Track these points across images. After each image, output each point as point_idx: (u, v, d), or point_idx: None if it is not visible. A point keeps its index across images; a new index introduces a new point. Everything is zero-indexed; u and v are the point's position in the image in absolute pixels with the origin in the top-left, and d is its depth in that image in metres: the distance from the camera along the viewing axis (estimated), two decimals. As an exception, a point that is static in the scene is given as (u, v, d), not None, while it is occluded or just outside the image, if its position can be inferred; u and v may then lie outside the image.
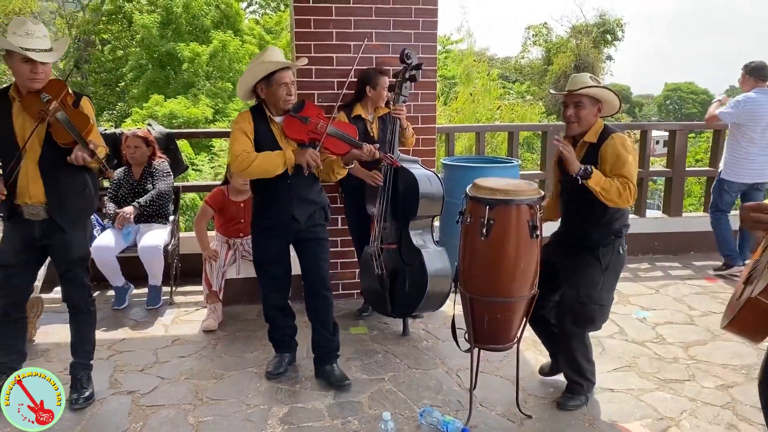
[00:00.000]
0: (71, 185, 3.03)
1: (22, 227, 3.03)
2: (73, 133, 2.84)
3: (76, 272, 3.14)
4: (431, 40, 4.50)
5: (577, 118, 3.00)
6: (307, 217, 3.30)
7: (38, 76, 2.86)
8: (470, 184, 2.94)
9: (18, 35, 2.81)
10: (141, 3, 21.22)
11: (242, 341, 3.99)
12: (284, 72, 3.15)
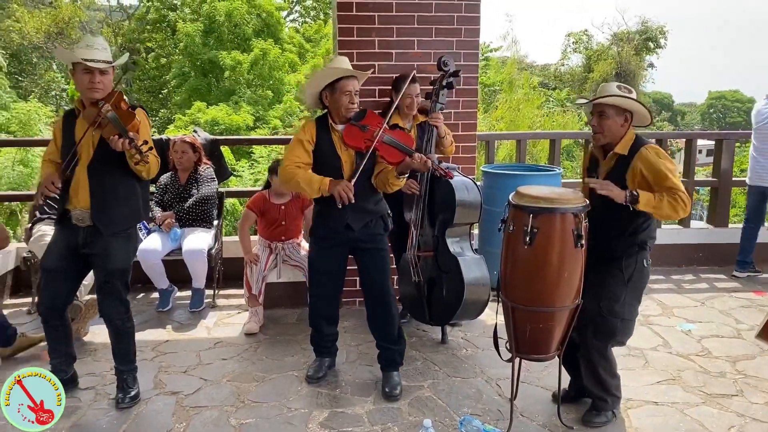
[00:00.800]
0: (116, 191, 3.10)
1: (68, 232, 3.12)
2: (118, 127, 2.92)
3: (114, 284, 3.15)
4: (473, 47, 4.50)
5: (601, 128, 2.96)
6: (362, 226, 3.31)
7: (97, 85, 2.97)
8: (513, 192, 2.93)
9: (79, 47, 2.96)
10: (185, 12, 21.70)
11: (283, 345, 4.04)
12: (349, 80, 3.19)
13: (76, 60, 2.93)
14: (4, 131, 14.03)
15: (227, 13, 19.12)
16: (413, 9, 4.39)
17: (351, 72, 3.23)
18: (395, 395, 3.33)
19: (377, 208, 3.36)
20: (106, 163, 3.03)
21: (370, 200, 3.32)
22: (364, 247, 3.37)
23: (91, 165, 3.05)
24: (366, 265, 3.40)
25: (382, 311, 3.41)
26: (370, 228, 3.34)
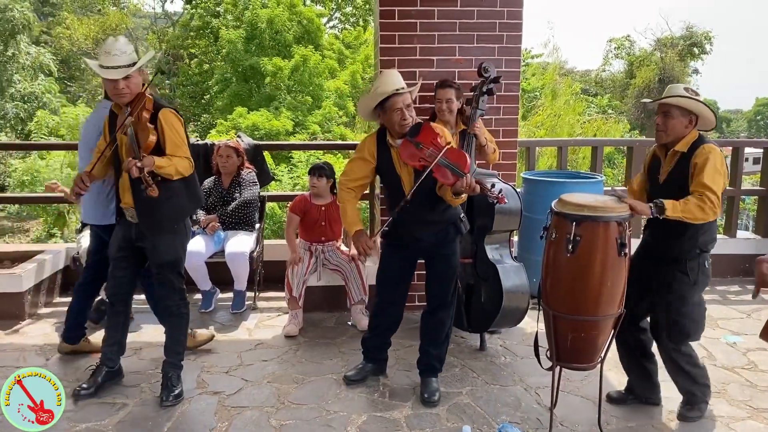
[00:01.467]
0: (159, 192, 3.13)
1: (124, 226, 3.30)
2: (133, 145, 3.02)
3: (166, 275, 3.31)
4: (515, 54, 4.49)
5: (665, 127, 2.95)
6: (432, 236, 3.33)
7: (120, 92, 3.04)
8: (556, 200, 2.92)
9: (100, 53, 3.04)
10: (227, 19, 22.08)
11: (322, 348, 4.08)
12: (396, 98, 3.20)
13: (96, 70, 3.02)
14: (54, 135, 14.49)
15: (269, 20, 19.39)
16: (455, 16, 4.40)
17: (393, 91, 3.20)
18: (433, 401, 3.33)
19: (444, 216, 3.31)
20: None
21: (436, 211, 3.27)
22: (434, 253, 3.39)
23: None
24: (435, 269, 3.42)
25: (442, 315, 3.42)
26: (440, 236, 3.34)
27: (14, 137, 17.18)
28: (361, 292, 4.43)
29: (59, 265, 5.03)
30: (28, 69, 18.93)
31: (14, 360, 3.85)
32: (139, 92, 3.09)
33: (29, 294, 4.57)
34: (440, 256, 3.37)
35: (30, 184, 12.30)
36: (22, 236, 14.65)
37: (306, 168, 14.29)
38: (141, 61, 3.11)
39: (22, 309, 4.49)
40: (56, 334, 4.26)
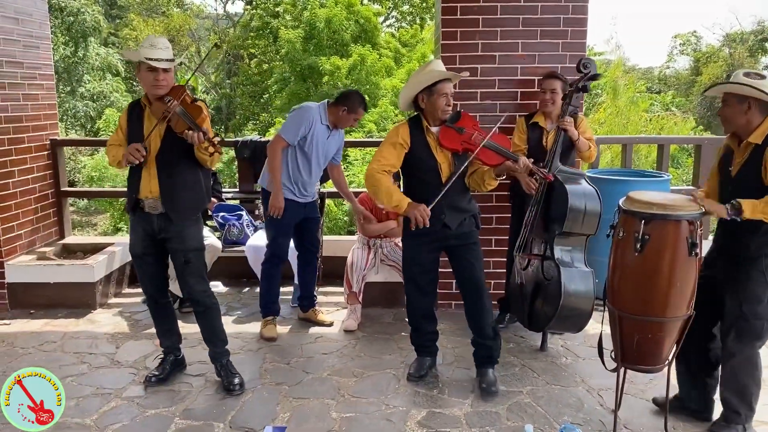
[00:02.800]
0: (183, 180, 3.28)
1: (143, 220, 3.32)
2: (187, 120, 3.11)
3: (194, 262, 3.36)
4: (580, 50, 4.41)
5: (723, 117, 2.85)
6: (458, 224, 3.37)
7: (160, 83, 3.16)
8: (623, 197, 2.85)
9: (144, 47, 3.15)
10: (286, 19, 22.42)
11: (380, 343, 4.11)
12: (446, 83, 3.27)
13: (141, 59, 3.13)
14: (121, 132, 15.05)
15: (327, 19, 19.58)
16: (518, 11, 4.35)
17: (449, 75, 3.31)
18: (493, 391, 3.34)
19: (470, 206, 3.43)
20: (173, 154, 3.23)
21: (464, 199, 3.40)
22: (457, 243, 3.42)
23: (159, 157, 3.23)
24: (462, 261, 3.43)
25: (479, 305, 3.43)
26: (465, 226, 3.40)
27: (84, 134, 17.91)
28: None
29: (128, 257, 5.22)
30: (97, 69, 19.69)
31: (87, 346, 4.03)
32: (177, 85, 3.24)
33: (100, 284, 4.77)
34: (466, 246, 3.42)
35: (98, 180, 12.81)
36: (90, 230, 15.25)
37: (362, 166, 14.39)
38: (178, 60, 3.28)
39: (94, 298, 4.69)
40: (125, 323, 4.43)
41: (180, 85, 3.26)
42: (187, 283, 3.41)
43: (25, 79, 4.87)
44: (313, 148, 4.06)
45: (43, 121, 5.09)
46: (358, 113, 4.08)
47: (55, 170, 5.24)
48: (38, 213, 5.05)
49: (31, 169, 4.95)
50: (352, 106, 4.04)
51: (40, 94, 5.05)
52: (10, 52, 4.68)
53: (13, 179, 4.71)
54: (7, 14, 4.65)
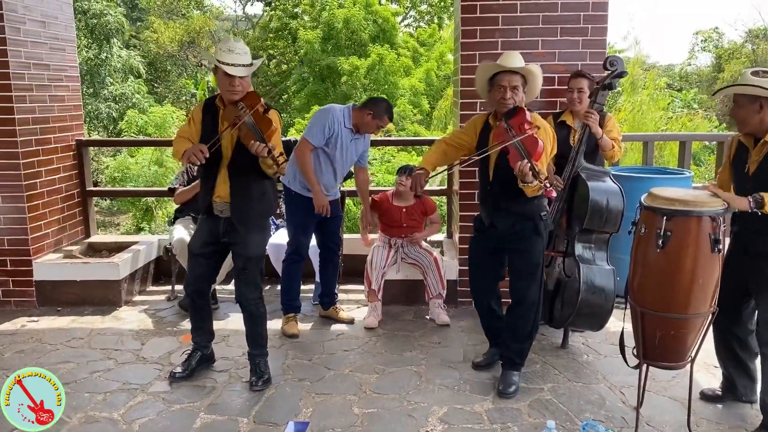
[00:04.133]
0: (252, 190, 3.34)
1: (211, 222, 3.39)
2: (255, 133, 3.13)
3: (251, 270, 3.41)
4: (600, 47, 4.39)
5: (737, 118, 2.84)
6: (508, 226, 3.31)
7: (235, 88, 3.18)
8: (645, 194, 2.85)
9: (222, 51, 3.17)
10: (305, 20, 22.54)
11: (401, 340, 4.13)
12: (504, 74, 3.21)
13: (214, 62, 3.17)
14: (143, 133, 15.24)
15: (345, 19, 19.67)
16: (538, 9, 4.35)
17: (505, 67, 3.20)
18: (507, 393, 3.34)
19: (525, 210, 3.25)
20: (243, 163, 3.26)
21: (514, 201, 3.22)
22: (508, 246, 3.38)
23: (231, 165, 3.28)
24: (513, 264, 3.42)
25: (522, 310, 3.38)
26: (516, 229, 3.31)
27: (106, 135, 18.15)
28: (439, 286, 4.46)
29: (152, 255, 5.31)
30: (119, 71, 19.93)
31: (113, 343, 4.10)
32: (253, 92, 3.25)
33: (125, 282, 4.85)
34: (516, 251, 3.35)
35: (120, 180, 12.97)
36: (113, 229, 15.46)
37: (380, 165, 14.41)
38: (256, 64, 3.28)
39: (119, 296, 4.77)
40: (150, 321, 4.51)
41: (254, 92, 3.26)
42: (240, 289, 3.47)
43: (52, 81, 4.96)
44: (337, 149, 4.09)
45: (69, 122, 5.19)
46: (383, 120, 4.10)
47: (80, 170, 5.34)
48: (65, 212, 5.14)
49: (58, 169, 5.04)
50: (378, 112, 4.06)
51: (66, 95, 5.15)
52: (37, 55, 4.78)
53: (40, 179, 4.81)
54: (35, 17, 4.75)
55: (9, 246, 4.71)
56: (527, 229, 3.28)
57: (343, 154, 4.14)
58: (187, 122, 3.39)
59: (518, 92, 3.20)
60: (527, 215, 3.27)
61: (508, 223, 3.30)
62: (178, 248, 4.62)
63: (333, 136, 4.04)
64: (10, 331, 4.34)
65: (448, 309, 4.59)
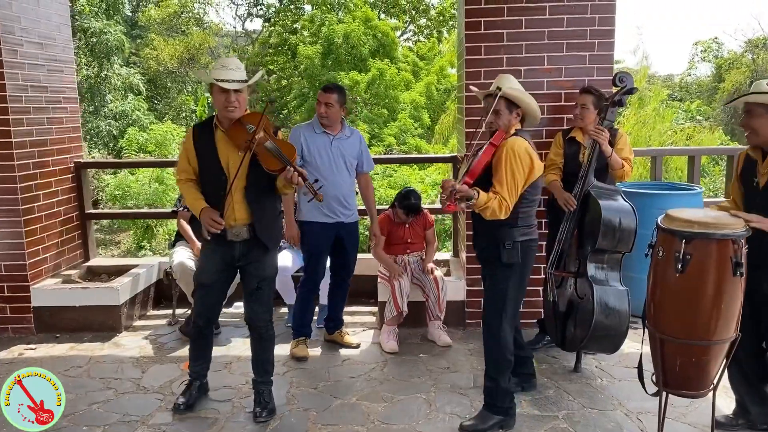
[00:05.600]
0: (272, 208, 3.30)
1: (224, 249, 3.25)
2: (282, 159, 3.05)
3: (265, 290, 3.34)
4: (607, 62, 4.31)
5: (750, 127, 2.79)
6: (479, 250, 3.28)
7: (232, 104, 3.10)
8: (662, 215, 2.75)
9: (215, 68, 3.11)
10: (304, 35, 22.57)
11: (408, 365, 4.01)
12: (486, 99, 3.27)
13: (211, 81, 3.10)
14: (143, 150, 15.18)
15: (345, 34, 19.67)
16: (543, 24, 4.28)
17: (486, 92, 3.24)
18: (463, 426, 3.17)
19: (492, 234, 3.10)
20: (260, 184, 3.18)
21: (486, 225, 3.08)
22: (485, 272, 3.33)
23: (248, 188, 3.17)
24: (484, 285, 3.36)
25: (484, 334, 3.21)
26: (485, 253, 3.23)
27: (107, 153, 18.10)
28: (437, 308, 4.35)
29: (152, 278, 5.20)
30: (119, 89, 19.93)
31: (113, 371, 3.99)
32: (255, 112, 3.19)
33: (125, 307, 4.75)
34: (485, 277, 3.32)
35: (121, 199, 12.89)
36: (113, 248, 15.34)
37: (383, 179, 14.30)
38: (253, 79, 3.21)
39: (119, 321, 4.66)
40: (150, 347, 4.39)
41: (257, 112, 3.18)
42: (253, 309, 3.37)
43: (50, 103, 4.89)
44: (314, 156, 4.01)
45: (67, 144, 5.11)
46: (319, 95, 4.05)
47: (79, 193, 5.25)
48: (63, 236, 5.05)
49: (56, 192, 4.96)
50: (318, 94, 4.07)
51: (65, 117, 5.07)
52: (35, 77, 4.71)
53: (38, 203, 4.72)
54: (32, 39, 4.68)
55: (6, 272, 4.61)
56: (491, 256, 3.14)
57: (323, 157, 4.02)
58: (180, 158, 3.30)
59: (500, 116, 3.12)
60: (492, 241, 3.11)
61: (480, 247, 3.26)
62: (178, 272, 4.52)
63: (305, 148, 3.99)
64: (7, 360, 4.23)
65: (456, 331, 4.49)
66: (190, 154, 3.25)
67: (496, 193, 2.96)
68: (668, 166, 9.99)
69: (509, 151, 2.98)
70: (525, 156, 3.00)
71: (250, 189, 3.19)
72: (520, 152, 2.99)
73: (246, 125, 3.11)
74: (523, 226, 3.09)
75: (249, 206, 3.19)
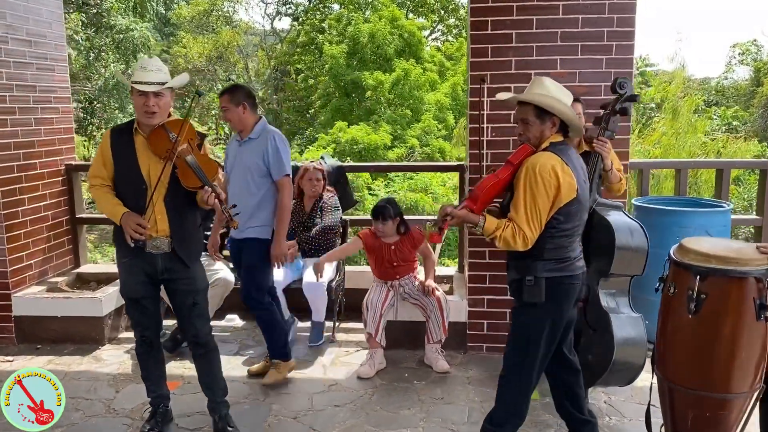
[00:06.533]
0: (193, 222, 3.10)
1: (143, 261, 3.00)
2: (201, 178, 2.84)
3: (201, 303, 3.14)
4: (626, 66, 3.94)
5: None
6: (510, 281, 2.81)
7: (150, 108, 2.86)
8: (675, 245, 2.40)
9: (135, 70, 2.88)
10: (331, 34, 22.37)
11: (400, 394, 3.70)
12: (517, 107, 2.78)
13: (128, 83, 2.89)
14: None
15: (371, 34, 19.41)
16: (556, 25, 3.93)
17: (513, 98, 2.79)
18: None
19: (517, 266, 2.68)
20: (180, 195, 2.95)
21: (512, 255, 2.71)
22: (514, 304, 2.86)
23: (168, 197, 2.95)
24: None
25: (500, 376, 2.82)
26: (511, 285, 2.77)
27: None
28: (440, 331, 4.03)
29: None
30: (146, 86, 19.98)
31: (86, 390, 3.77)
32: (178, 119, 2.95)
33: (110, 318, 4.53)
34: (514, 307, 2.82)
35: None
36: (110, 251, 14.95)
37: (404, 181, 14.02)
38: (173, 81, 2.95)
39: (102, 333, 4.45)
40: (131, 363, 4.17)
41: (180, 119, 2.94)
42: (194, 326, 3.12)
43: (38, 103, 4.70)
44: (228, 166, 3.79)
45: (57, 145, 4.92)
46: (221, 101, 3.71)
47: (70, 196, 5.05)
48: (51, 241, 4.85)
49: (44, 196, 4.76)
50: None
51: (55, 117, 4.88)
52: (21, 76, 4.52)
53: (22, 207, 4.53)
54: (19, 36, 4.49)
55: (-13, 278, 4.43)
56: (516, 291, 2.72)
57: (228, 166, 3.78)
58: (96, 162, 3.03)
59: (529, 126, 2.66)
60: (517, 273, 2.69)
61: (509, 278, 2.80)
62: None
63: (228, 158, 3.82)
64: (-20, 372, 4.04)
65: (456, 355, 4.17)
66: (107, 159, 2.98)
67: (510, 220, 2.55)
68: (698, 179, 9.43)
69: (529, 171, 2.52)
70: (549, 176, 2.50)
71: (171, 200, 2.94)
72: (543, 171, 2.50)
73: (169, 132, 2.87)
74: (552, 260, 2.60)
75: (168, 218, 2.95)
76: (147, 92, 2.83)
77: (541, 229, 2.52)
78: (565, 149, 2.62)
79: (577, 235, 2.66)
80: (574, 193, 2.54)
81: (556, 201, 2.52)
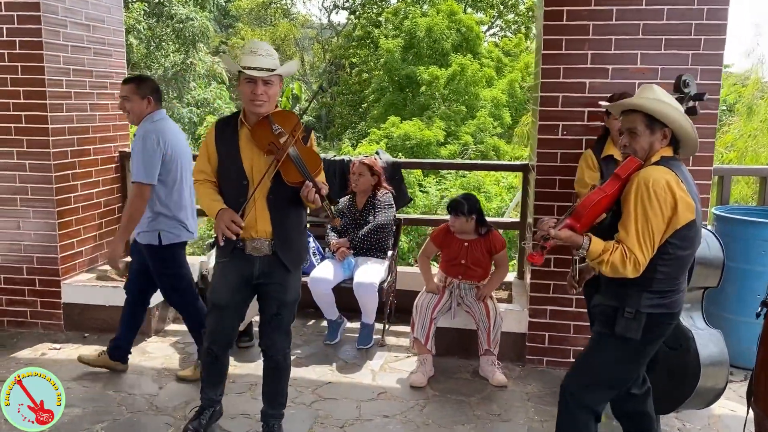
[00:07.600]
0: (296, 222, 2.86)
1: (242, 263, 2.82)
2: (303, 172, 2.63)
3: (285, 316, 2.91)
4: (715, 63, 3.60)
5: None
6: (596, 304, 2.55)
7: (258, 97, 2.67)
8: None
9: (244, 53, 2.67)
10: (388, 28, 22.18)
11: (453, 406, 3.47)
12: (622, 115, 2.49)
13: (238, 68, 2.67)
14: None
15: (427, 28, 19.14)
16: (638, 16, 3.61)
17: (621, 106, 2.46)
18: None
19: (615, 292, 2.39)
20: (285, 193, 2.74)
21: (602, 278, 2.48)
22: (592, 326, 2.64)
23: (271, 195, 2.75)
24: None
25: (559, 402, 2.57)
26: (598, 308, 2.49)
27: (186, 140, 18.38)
28: (486, 342, 3.78)
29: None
30: (203, 76, 20.20)
31: (129, 385, 3.67)
32: (289, 111, 2.80)
33: (157, 309, 4.45)
34: (593, 330, 2.54)
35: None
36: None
37: (455, 179, 13.72)
38: (283, 68, 2.76)
39: (149, 325, 4.35)
40: (176, 357, 4.08)
41: (291, 112, 2.78)
42: (271, 338, 2.92)
43: (95, 89, 4.64)
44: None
45: (112, 132, 4.86)
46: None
47: (123, 184, 4.99)
48: (102, 229, 4.80)
49: (97, 182, 4.71)
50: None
51: (111, 104, 4.81)
52: (78, 60, 4.46)
53: (75, 193, 4.48)
54: (78, 20, 4.43)
55: (38, 264, 4.39)
56: (605, 316, 2.40)
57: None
58: (201, 157, 2.87)
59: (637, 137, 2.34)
60: (612, 299, 2.38)
61: (595, 301, 2.50)
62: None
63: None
64: (27, 359, 4.00)
65: (513, 367, 3.91)
66: (211, 153, 2.83)
67: (619, 242, 2.25)
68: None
69: (641, 186, 2.22)
70: (664, 192, 2.21)
71: (273, 198, 2.75)
72: (657, 187, 2.20)
73: (272, 125, 2.68)
74: (658, 292, 2.30)
75: (271, 218, 2.76)
76: (256, 79, 2.65)
77: (653, 253, 2.23)
78: (679, 164, 2.33)
79: (689, 264, 2.36)
80: (692, 215, 2.25)
81: (672, 222, 2.23)
